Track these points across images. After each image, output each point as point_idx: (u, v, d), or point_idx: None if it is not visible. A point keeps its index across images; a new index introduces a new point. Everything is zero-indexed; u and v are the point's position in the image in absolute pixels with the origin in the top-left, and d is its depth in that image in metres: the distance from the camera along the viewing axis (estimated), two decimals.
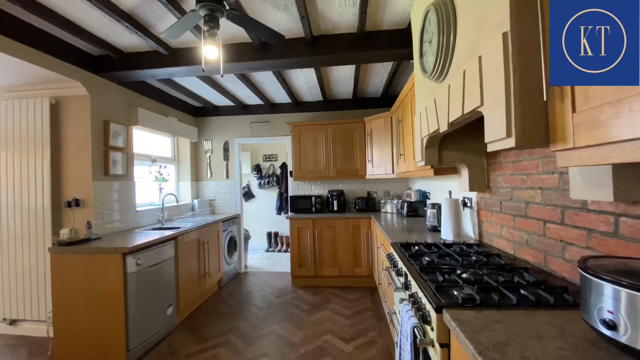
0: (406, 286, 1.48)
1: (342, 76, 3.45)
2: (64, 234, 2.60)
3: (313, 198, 4.07)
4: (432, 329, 1.10)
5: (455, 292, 1.12)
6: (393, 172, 3.57)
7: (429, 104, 1.63)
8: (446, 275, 1.31)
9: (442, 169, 2.18)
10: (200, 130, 4.61)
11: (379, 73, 3.38)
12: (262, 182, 6.05)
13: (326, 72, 3.35)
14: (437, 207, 2.49)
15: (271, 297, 3.56)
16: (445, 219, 2.18)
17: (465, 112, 1.19)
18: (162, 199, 3.63)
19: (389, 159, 3.62)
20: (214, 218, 3.90)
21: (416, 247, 1.84)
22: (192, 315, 3.13)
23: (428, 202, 3.20)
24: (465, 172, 1.94)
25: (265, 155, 6.19)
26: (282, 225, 6.02)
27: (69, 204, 2.78)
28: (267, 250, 5.89)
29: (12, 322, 2.85)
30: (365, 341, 2.55)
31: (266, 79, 3.45)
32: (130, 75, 2.89)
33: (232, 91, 3.87)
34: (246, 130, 4.55)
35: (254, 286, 3.96)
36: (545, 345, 0.78)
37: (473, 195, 2.11)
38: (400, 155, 3.06)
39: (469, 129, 1.55)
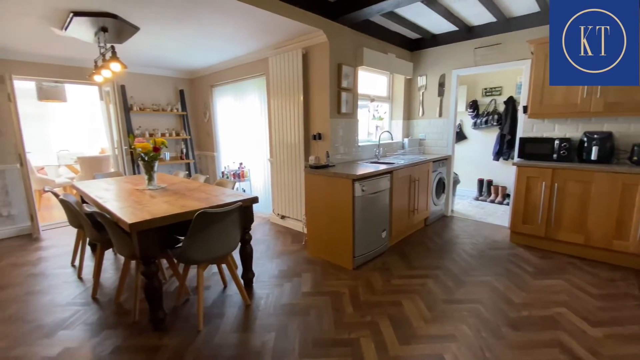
0: None
1: None
2: (311, 160, 3.33)
3: (556, 141, 3.14)
4: None
5: None
6: None
7: None
8: None
9: None
10: (415, 66, 4.43)
11: None
12: (479, 121, 5.29)
13: None
14: None
15: (483, 247, 3.27)
16: None
17: None
18: (379, 136, 3.91)
19: None
20: (425, 157, 3.85)
21: None
22: (401, 243, 3.41)
23: None
24: None
25: (485, 89, 5.27)
26: (499, 172, 5.20)
27: (314, 137, 3.50)
28: (477, 199, 5.36)
29: (283, 217, 4.13)
30: (625, 333, 1.90)
31: None
32: (359, 14, 3.03)
33: (458, 11, 3.35)
34: (468, 59, 3.95)
35: (461, 231, 3.77)
36: None
37: None
38: None
39: None
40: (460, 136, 5.53)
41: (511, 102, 4.85)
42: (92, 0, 2.38)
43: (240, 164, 4.67)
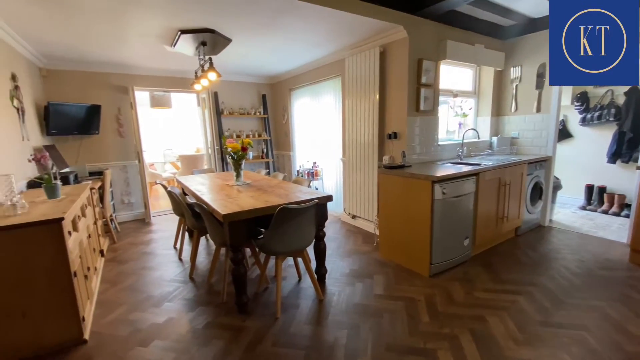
0: None
1: None
2: (386, 159, 3.25)
3: None
4: None
5: None
6: None
7: None
8: None
9: None
10: (507, 56, 3.96)
11: None
12: (589, 116, 4.46)
13: None
14: None
15: (591, 266, 2.76)
16: None
17: None
18: (463, 135, 3.61)
19: None
20: (518, 158, 3.41)
21: None
22: (487, 253, 3.09)
23: None
24: None
25: None
26: (615, 177, 4.31)
27: (389, 136, 3.41)
28: (583, 208, 4.54)
29: (354, 217, 4.13)
30: None
31: None
32: (444, 5, 2.84)
33: None
34: None
35: (563, 245, 3.24)
36: None
37: None
38: None
39: None
40: (563, 134, 4.74)
41: (635, 93, 3.97)
42: (195, 18, 2.74)
43: (314, 163, 4.83)
